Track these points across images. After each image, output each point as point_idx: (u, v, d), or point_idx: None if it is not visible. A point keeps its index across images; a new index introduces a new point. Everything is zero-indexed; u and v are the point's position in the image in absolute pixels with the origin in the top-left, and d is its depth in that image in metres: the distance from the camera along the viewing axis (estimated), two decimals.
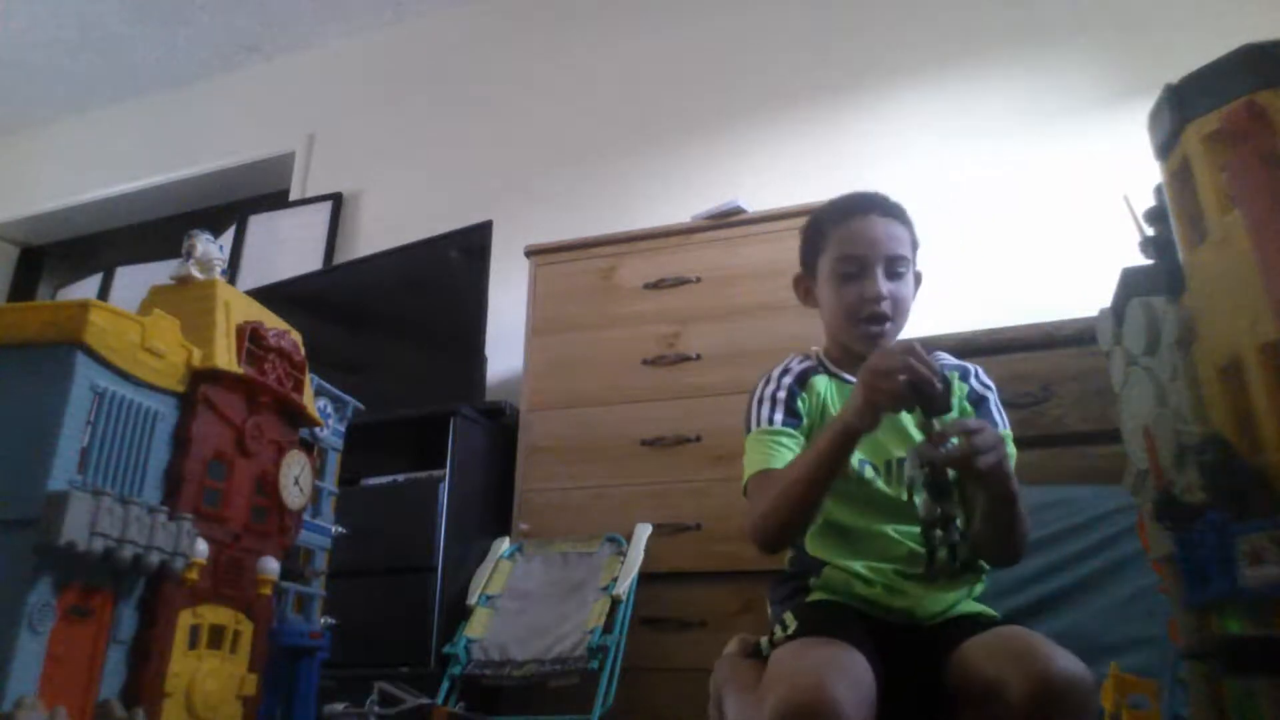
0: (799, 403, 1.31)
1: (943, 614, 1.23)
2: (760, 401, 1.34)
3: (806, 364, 1.38)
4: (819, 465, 1.14)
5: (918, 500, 1.04)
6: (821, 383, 1.34)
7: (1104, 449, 1.63)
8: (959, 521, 1.04)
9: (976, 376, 1.37)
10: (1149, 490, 0.75)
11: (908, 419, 1.28)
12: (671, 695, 1.51)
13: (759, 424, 1.31)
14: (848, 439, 1.12)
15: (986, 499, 1.10)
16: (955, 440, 1.04)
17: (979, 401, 1.34)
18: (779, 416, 1.29)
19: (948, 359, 1.40)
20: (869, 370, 1.08)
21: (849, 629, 1.11)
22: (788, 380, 1.34)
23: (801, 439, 1.28)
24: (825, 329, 1.41)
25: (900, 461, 1.26)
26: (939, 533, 1.03)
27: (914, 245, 1.37)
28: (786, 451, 1.25)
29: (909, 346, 1.06)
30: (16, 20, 3.50)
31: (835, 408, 1.31)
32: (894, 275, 1.31)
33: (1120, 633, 1.37)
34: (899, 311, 1.32)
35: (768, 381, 1.36)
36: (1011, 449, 1.28)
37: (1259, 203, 0.63)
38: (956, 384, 1.33)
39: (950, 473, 1.05)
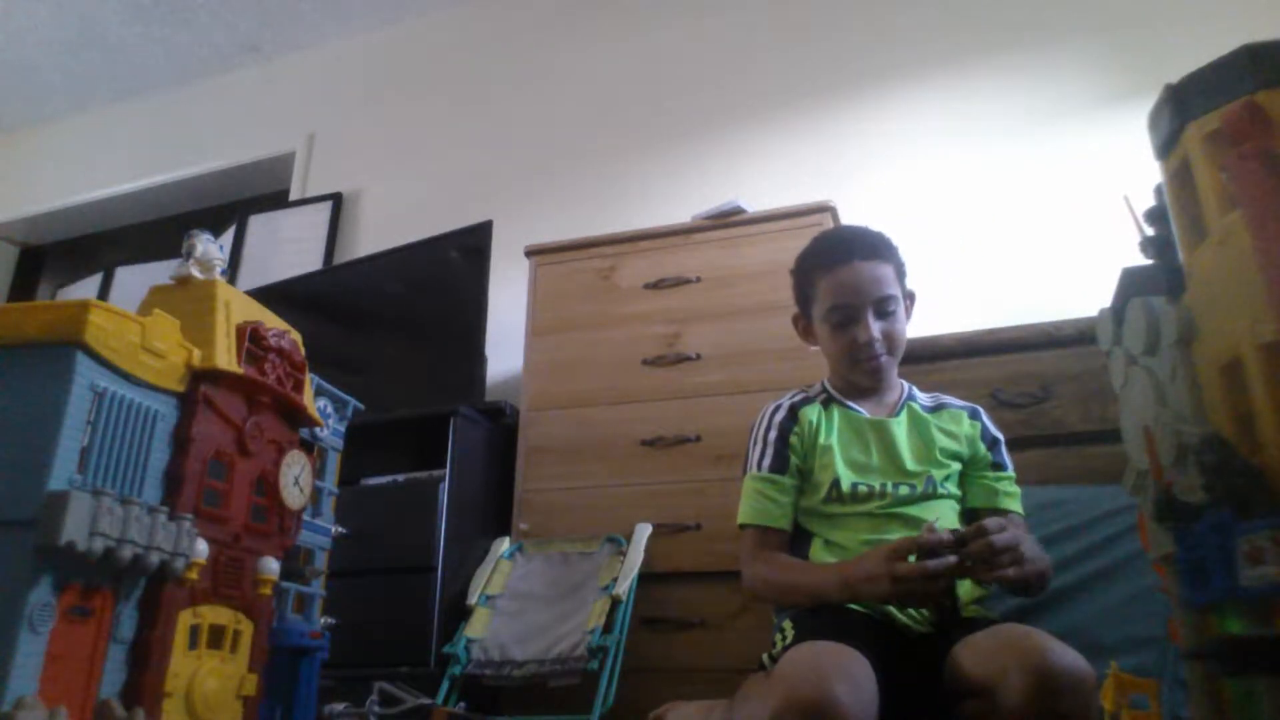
0: (791, 438, 1.42)
1: (937, 622, 1.24)
2: (755, 441, 1.45)
3: (799, 396, 1.48)
4: (813, 598, 1.26)
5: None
6: (812, 412, 1.44)
7: (1104, 449, 1.63)
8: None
9: (987, 418, 1.46)
10: (1149, 490, 0.74)
11: (899, 435, 1.40)
12: (671, 695, 1.51)
13: (751, 466, 1.43)
14: (853, 599, 1.22)
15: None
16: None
17: (994, 443, 1.43)
18: (767, 462, 1.41)
19: (954, 401, 1.44)
20: (897, 579, 1.14)
21: (848, 631, 1.11)
22: (779, 417, 1.44)
23: (789, 482, 1.39)
24: (828, 364, 1.50)
25: (895, 485, 1.35)
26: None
27: (900, 275, 1.45)
28: (773, 505, 1.37)
29: (921, 567, 1.13)
30: (16, 20, 3.50)
31: (825, 435, 1.41)
32: (884, 315, 1.40)
33: (1120, 633, 1.37)
34: (894, 346, 1.41)
35: (763, 419, 1.46)
36: (1014, 488, 1.35)
37: (1259, 203, 0.63)
38: (967, 423, 1.43)
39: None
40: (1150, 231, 0.79)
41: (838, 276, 1.40)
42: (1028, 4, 2.53)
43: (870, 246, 1.41)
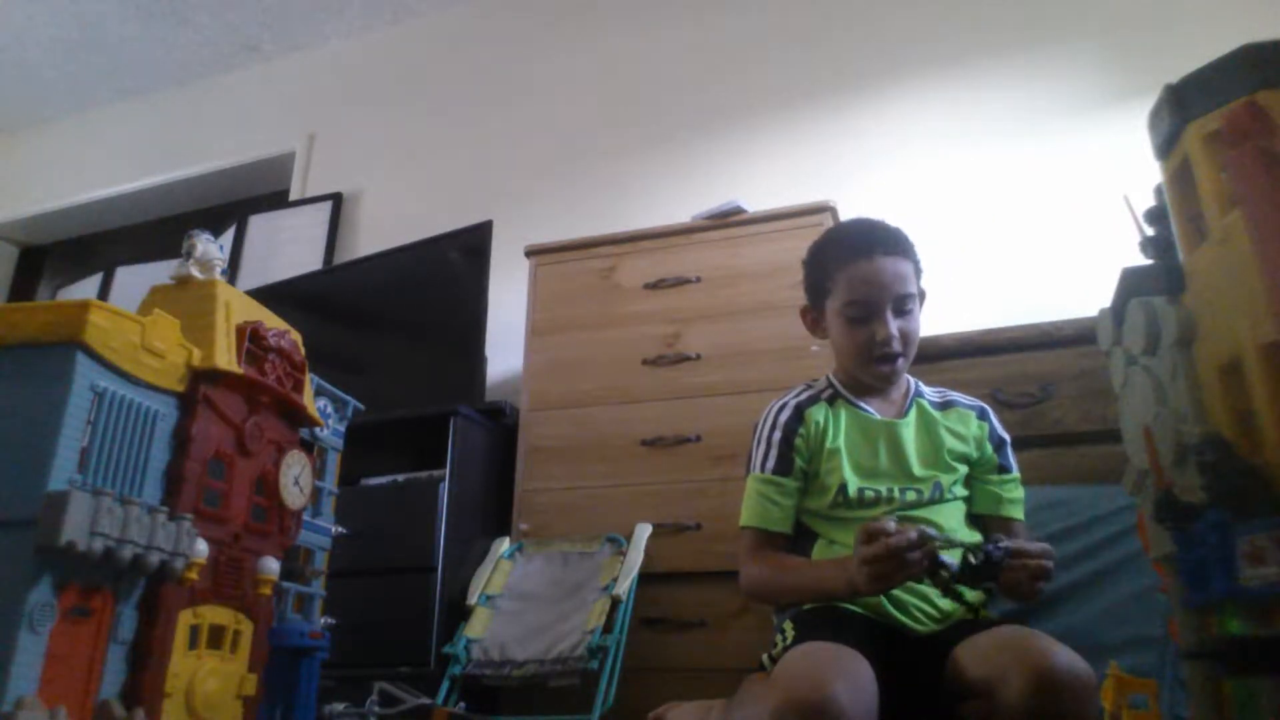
0: (796, 440, 1.38)
1: (942, 621, 1.24)
2: (759, 441, 1.41)
3: (806, 394, 1.43)
4: (818, 595, 1.25)
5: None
6: (819, 413, 1.40)
7: (1104, 449, 1.63)
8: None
9: (995, 418, 1.43)
10: (1149, 490, 0.75)
11: (908, 439, 1.37)
12: (671, 695, 1.51)
13: (754, 467, 1.39)
14: (853, 596, 1.19)
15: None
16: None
17: (1000, 445, 1.40)
18: (771, 464, 1.37)
19: (962, 399, 1.42)
20: (865, 560, 1.10)
21: (848, 632, 1.11)
22: (784, 417, 1.40)
23: (792, 485, 1.36)
24: (836, 359, 1.45)
25: (902, 490, 1.33)
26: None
27: (918, 273, 1.41)
28: (775, 508, 1.35)
29: (906, 545, 1.09)
30: (16, 20, 3.50)
31: (832, 438, 1.37)
32: (902, 313, 1.36)
33: (1120, 633, 1.37)
34: (909, 346, 1.37)
35: (767, 418, 1.42)
36: (1018, 493, 1.36)
37: (1259, 203, 0.63)
38: (975, 423, 1.40)
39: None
40: (1150, 231, 0.79)
41: (859, 270, 1.35)
42: (1028, 4, 2.53)
43: (893, 241, 1.37)
